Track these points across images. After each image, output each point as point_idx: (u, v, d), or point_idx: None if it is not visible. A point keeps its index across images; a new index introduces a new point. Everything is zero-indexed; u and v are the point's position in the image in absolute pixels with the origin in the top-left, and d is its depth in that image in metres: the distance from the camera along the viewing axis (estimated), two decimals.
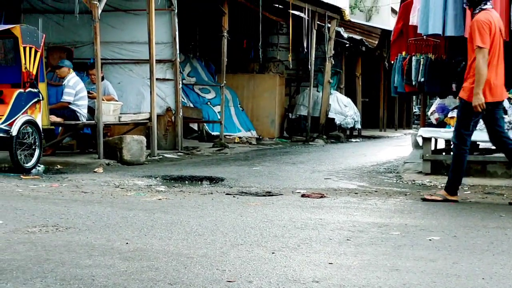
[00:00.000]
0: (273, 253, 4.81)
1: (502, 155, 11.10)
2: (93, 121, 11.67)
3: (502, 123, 7.64)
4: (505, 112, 9.66)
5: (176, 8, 13.99)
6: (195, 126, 17.78)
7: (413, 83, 10.92)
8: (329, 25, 20.44)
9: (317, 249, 5.00)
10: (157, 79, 13.30)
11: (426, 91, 11.33)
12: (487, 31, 7.28)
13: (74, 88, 11.74)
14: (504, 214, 6.75)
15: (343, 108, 21.40)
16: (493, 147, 12.29)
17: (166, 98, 14.21)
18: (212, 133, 17.26)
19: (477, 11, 7.43)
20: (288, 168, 8.49)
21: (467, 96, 7.38)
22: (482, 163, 10.27)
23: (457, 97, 8.35)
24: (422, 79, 10.85)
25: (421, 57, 10.95)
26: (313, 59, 19.81)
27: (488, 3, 7.46)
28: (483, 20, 7.33)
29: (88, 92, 12.09)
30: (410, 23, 10.75)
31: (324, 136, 19.74)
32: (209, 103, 18.06)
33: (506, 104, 9.78)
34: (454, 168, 7.68)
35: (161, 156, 12.71)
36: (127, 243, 5.01)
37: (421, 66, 10.92)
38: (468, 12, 9.18)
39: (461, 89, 7.56)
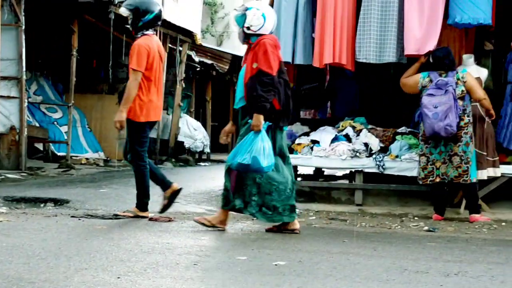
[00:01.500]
0: (118, 277, 4.70)
1: (346, 181, 11.49)
2: None
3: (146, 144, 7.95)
4: (349, 140, 9.99)
5: (24, 24, 13.58)
6: (40, 146, 17.21)
7: None
8: (181, 49, 20.47)
9: (164, 273, 4.93)
10: (1, 96, 12.81)
11: None
12: (144, 56, 7.67)
13: None
14: (347, 240, 6.93)
15: (193, 132, 21.43)
16: (338, 174, 12.72)
17: (10, 116, 13.69)
18: (58, 154, 16.79)
19: (139, 35, 7.80)
20: (135, 190, 8.42)
21: (131, 115, 7.72)
22: (327, 189, 10.54)
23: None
24: None
25: None
26: (164, 82, 19.70)
27: (150, 30, 7.85)
28: (143, 44, 7.72)
29: None
30: None
31: (173, 160, 19.68)
32: (55, 122, 17.59)
33: (350, 132, 10.12)
34: (139, 184, 7.95)
35: (3, 177, 12.22)
36: None
37: None
38: (317, 41, 9.49)
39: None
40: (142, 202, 7.95)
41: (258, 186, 7.01)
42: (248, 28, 7.15)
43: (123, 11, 7.86)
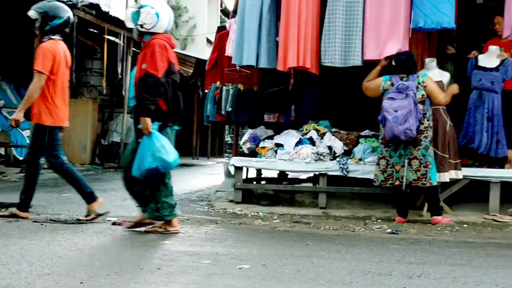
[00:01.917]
0: (81, 282, 4.67)
1: (310, 184, 11.53)
2: None
3: (59, 147, 8.00)
4: (313, 143, 10.03)
5: None
6: (2, 151, 17.02)
7: (223, 112, 11.10)
8: None
9: (127, 278, 4.90)
10: None
11: (233, 121, 11.54)
12: (50, 59, 7.73)
13: None
14: (311, 243, 6.95)
15: None
16: (302, 177, 12.76)
17: None
18: (20, 158, 16.60)
19: (46, 39, 7.84)
20: (100, 195, 8.31)
21: (40, 120, 7.76)
22: (291, 192, 10.56)
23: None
24: (230, 109, 11.07)
25: (231, 87, 11.17)
26: (128, 85, 19.60)
27: (57, 35, 7.90)
28: (48, 48, 7.77)
29: None
30: (226, 54, 10.97)
31: None
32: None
33: (314, 135, 10.16)
34: (28, 184, 8.02)
35: None
36: None
37: (230, 96, 11.15)
38: (281, 45, 9.51)
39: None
40: (23, 203, 7.95)
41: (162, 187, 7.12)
42: (141, 26, 7.20)
43: (32, 14, 7.86)
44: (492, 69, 9.31)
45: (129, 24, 7.35)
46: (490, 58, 9.40)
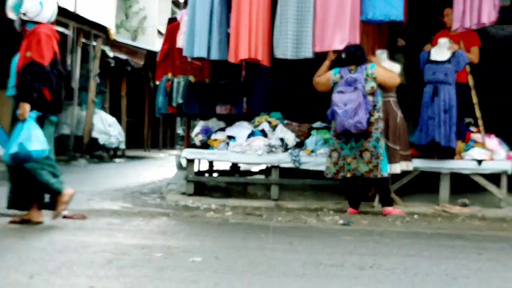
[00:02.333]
0: (31, 277, 4.59)
1: (262, 177, 11.54)
2: None
3: None
4: (265, 135, 10.03)
5: None
6: None
7: (174, 104, 11.04)
8: (95, 44, 20.18)
9: (78, 272, 4.84)
10: None
11: (184, 112, 11.48)
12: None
13: None
14: (263, 235, 6.94)
15: (108, 128, 21.12)
16: (254, 169, 12.76)
17: None
18: None
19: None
20: None
21: None
22: (243, 184, 10.57)
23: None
24: (181, 101, 11.01)
25: (182, 78, 11.11)
26: (78, 77, 19.40)
27: None
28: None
29: None
30: (177, 46, 10.89)
31: (88, 156, 19.38)
32: None
33: (266, 127, 10.16)
34: None
35: None
36: None
37: (181, 87, 11.09)
38: (232, 36, 9.48)
39: None
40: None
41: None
42: (24, 14, 7.13)
43: None
44: (444, 62, 9.40)
45: (11, 14, 7.20)
46: (441, 51, 9.49)
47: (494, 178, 9.50)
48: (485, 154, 9.47)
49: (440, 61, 9.42)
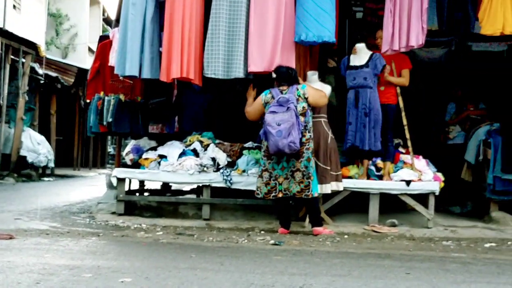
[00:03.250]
0: None
1: (193, 196, 11.50)
2: None
3: None
4: (197, 155, 10.01)
5: None
6: None
7: (104, 123, 10.94)
8: (24, 60, 19.86)
9: None
10: None
11: (114, 131, 11.35)
12: None
13: None
14: (194, 255, 6.91)
15: (36, 146, 20.75)
16: (186, 189, 12.72)
17: None
18: None
19: None
20: None
21: None
22: (174, 204, 10.50)
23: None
24: (110, 119, 10.91)
25: (112, 97, 11.02)
26: (6, 94, 19.05)
27: None
28: None
29: None
30: (109, 64, 10.81)
31: (15, 175, 19.00)
32: None
33: (198, 147, 10.15)
34: None
35: None
36: None
37: (111, 106, 11.00)
38: (164, 55, 9.45)
39: None
40: None
41: None
42: None
43: None
44: (363, 66, 9.56)
45: None
46: (359, 56, 9.66)
47: (422, 198, 9.67)
48: (413, 175, 9.64)
49: (359, 66, 9.58)
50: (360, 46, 9.70)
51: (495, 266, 6.78)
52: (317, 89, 8.99)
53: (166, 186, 12.48)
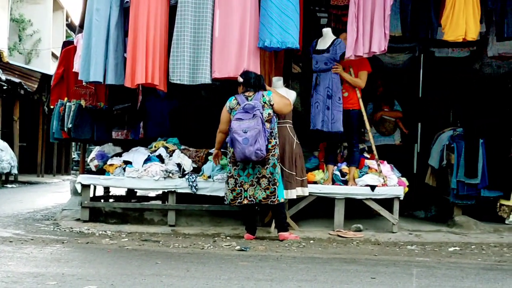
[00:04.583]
0: None
1: (159, 202, 11.46)
2: None
3: None
4: (162, 161, 9.98)
5: None
6: None
7: (65, 129, 10.84)
8: None
9: None
10: None
11: (73, 137, 11.21)
12: None
13: None
14: (160, 261, 6.89)
15: None
16: (151, 195, 12.67)
17: None
18: None
19: None
20: None
21: None
22: (139, 210, 10.45)
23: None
24: (70, 125, 10.80)
25: (73, 103, 10.92)
26: None
27: None
28: None
29: None
30: (73, 70, 10.74)
31: None
32: None
33: (163, 152, 10.11)
34: None
35: None
36: None
37: (71, 112, 10.89)
38: (129, 61, 9.42)
39: None
40: None
41: None
42: None
43: None
44: (324, 51, 9.60)
45: None
46: (324, 41, 9.71)
47: (387, 203, 9.74)
48: (378, 180, 9.70)
49: (321, 50, 9.62)
50: (326, 31, 9.74)
51: (459, 270, 6.86)
52: (282, 96, 9.00)
53: (131, 192, 12.42)
